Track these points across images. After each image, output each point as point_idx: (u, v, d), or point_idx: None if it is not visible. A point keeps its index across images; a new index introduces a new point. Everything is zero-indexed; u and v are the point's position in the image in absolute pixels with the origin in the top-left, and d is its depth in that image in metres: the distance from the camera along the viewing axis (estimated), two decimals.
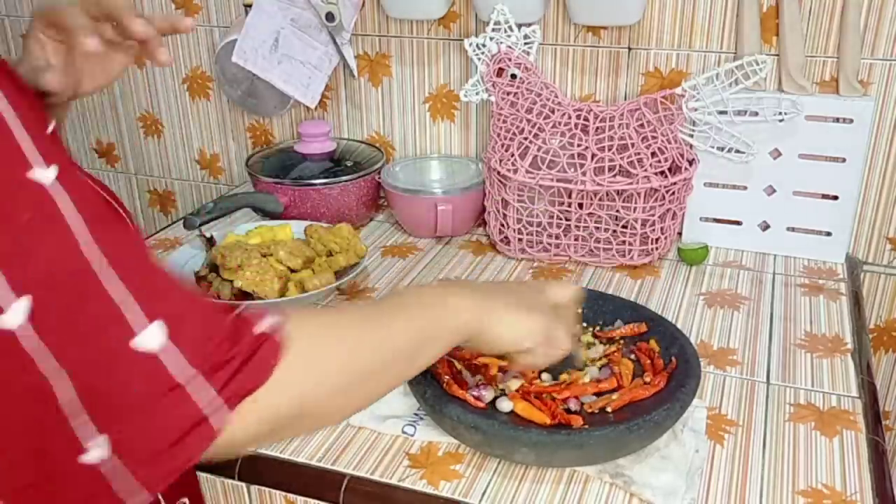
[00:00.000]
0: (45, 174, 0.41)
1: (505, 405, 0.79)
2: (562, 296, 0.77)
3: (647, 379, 0.82)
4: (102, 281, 0.42)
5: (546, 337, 0.72)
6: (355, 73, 1.36)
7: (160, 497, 0.66)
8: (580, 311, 0.88)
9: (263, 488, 0.79)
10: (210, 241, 1.14)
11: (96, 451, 0.42)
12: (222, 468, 0.80)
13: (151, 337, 0.43)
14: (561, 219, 1.15)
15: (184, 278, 0.48)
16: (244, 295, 1.00)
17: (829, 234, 1.17)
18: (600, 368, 0.85)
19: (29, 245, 0.40)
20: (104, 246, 0.43)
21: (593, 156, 1.11)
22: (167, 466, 0.44)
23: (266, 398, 0.47)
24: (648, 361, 0.85)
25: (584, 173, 1.10)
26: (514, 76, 1.17)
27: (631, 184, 1.09)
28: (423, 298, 0.66)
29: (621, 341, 0.89)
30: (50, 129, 0.46)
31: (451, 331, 0.64)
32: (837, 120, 1.12)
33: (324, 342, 0.53)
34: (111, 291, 0.42)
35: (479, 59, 1.18)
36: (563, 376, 0.84)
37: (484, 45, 1.18)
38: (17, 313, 0.40)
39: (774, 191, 1.18)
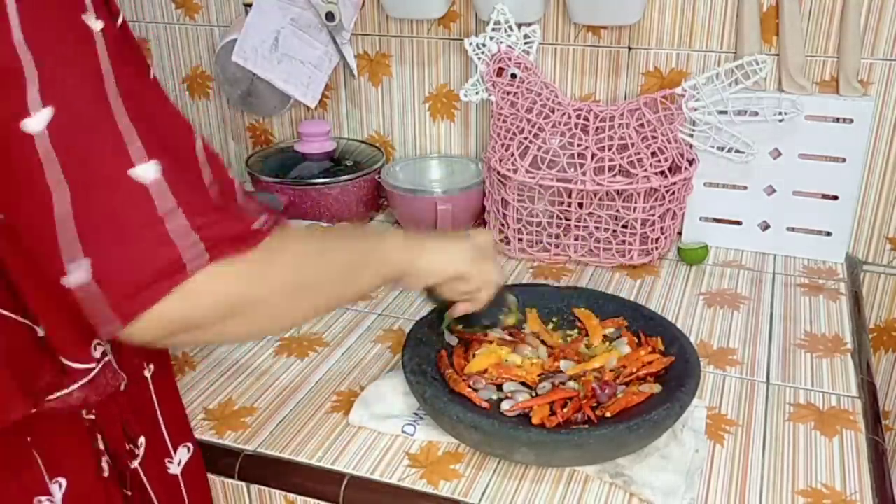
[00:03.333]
0: (94, 23, 0.47)
1: (505, 404, 0.79)
2: (482, 239, 0.82)
3: (643, 353, 0.84)
4: (115, 113, 0.47)
5: (474, 263, 0.78)
6: (355, 72, 1.36)
7: (168, 442, 0.70)
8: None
9: (263, 488, 0.79)
10: None
11: (77, 273, 0.47)
12: (222, 468, 0.80)
13: (147, 171, 0.48)
14: (561, 218, 1.15)
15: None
16: None
17: (829, 233, 1.17)
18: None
19: (63, 69, 0.46)
20: (127, 90, 0.48)
21: (593, 155, 1.11)
22: (142, 298, 0.48)
23: (234, 271, 0.51)
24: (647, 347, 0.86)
25: (584, 173, 1.10)
26: (514, 76, 1.17)
27: (631, 183, 1.09)
28: (364, 233, 0.76)
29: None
30: None
31: (381, 262, 0.70)
32: (837, 120, 1.12)
33: (285, 251, 0.57)
34: (120, 124, 0.47)
35: (479, 58, 1.18)
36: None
37: (484, 45, 1.18)
38: (39, 120, 0.45)
39: (774, 191, 1.18)
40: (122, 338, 0.50)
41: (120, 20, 0.52)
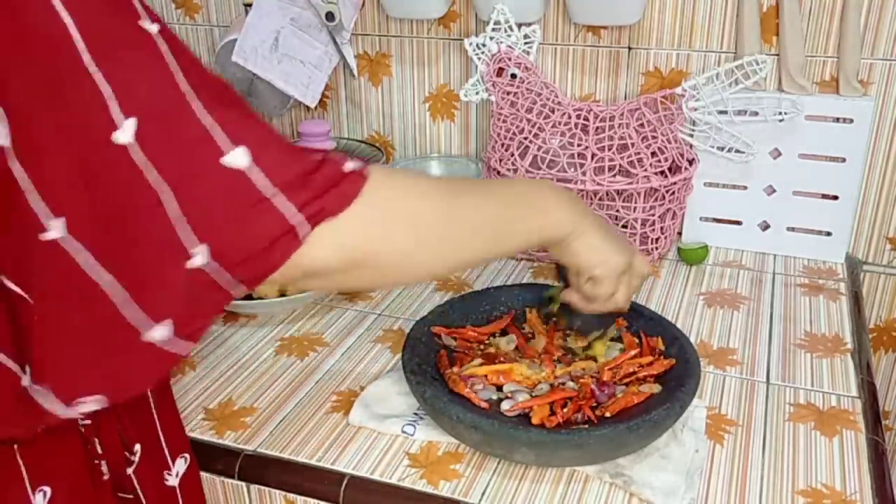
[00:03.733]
0: (151, 26, 0.49)
1: (505, 404, 0.79)
2: (638, 263, 0.81)
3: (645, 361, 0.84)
4: (194, 109, 0.49)
5: (618, 278, 0.78)
6: (355, 72, 1.36)
7: (166, 452, 0.71)
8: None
9: (263, 488, 0.79)
10: None
11: (199, 257, 0.50)
12: (222, 468, 0.80)
13: (238, 157, 0.50)
14: None
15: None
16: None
17: (829, 233, 1.17)
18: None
19: (137, 77, 0.48)
20: (195, 84, 0.50)
21: (593, 155, 1.11)
22: (260, 268, 0.52)
23: (343, 227, 0.53)
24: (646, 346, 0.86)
25: (584, 173, 1.10)
26: (514, 76, 1.17)
27: (631, 183, 1.09)
28: (521, 188, 0.71)
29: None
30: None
31: (535, 229, 0.69)
32: (837, 120, 1.12)
33: (403, 193, 0.59)
34: (201, 119, 0.49)
35: (479, 58, 1.18)
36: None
37: (484, 45, 1.18)
38: (127, 132, 0.47)
39: (774, 191, 1.18)
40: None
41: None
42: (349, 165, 0.55)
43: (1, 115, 0.45)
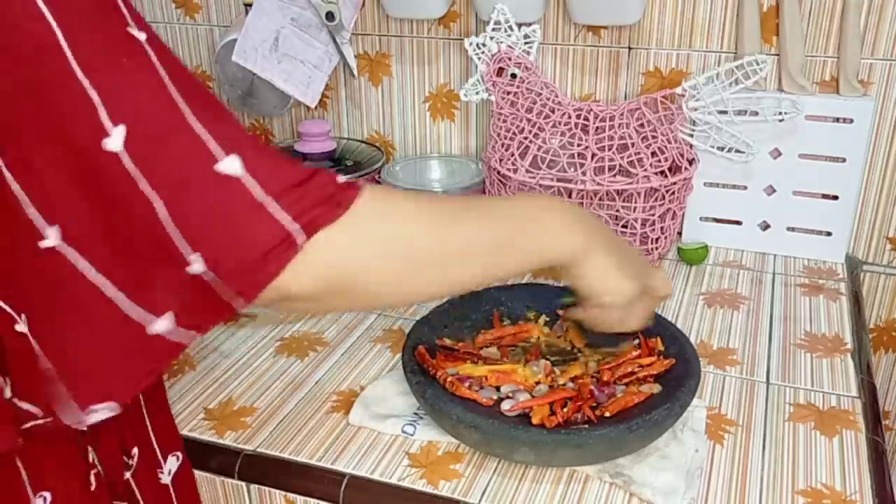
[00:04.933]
0: (139, 33, 0.48)
1: (506, 404, 0.79)
2: (657, 285, 0.77)
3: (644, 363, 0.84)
4: (185, 116, 0.48)
5: (631, 303, 0.73)
6: (355, 72, 1.36)
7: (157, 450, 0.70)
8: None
9: (263, 488, 0.79)
10: None
11: (196, 265, 0.48)
12: (222, 468, 0.80)
13: (232, 165, 0.49)
14: None
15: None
16: None
17: (829, 234, 1.17)
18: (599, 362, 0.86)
19: (126, 84, 0.47)
20: (185, 92, 0.49)
21: (593, 155, 1.11)
22: (257, 278, 0.50)
23: (335, 239, 0.51)
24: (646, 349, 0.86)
25: (584, 173, 1.10)
26: (514, 76, 1.17)
27: (631, 183, 1.09)
28: (521, 208, 0.66)
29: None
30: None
31: (534, 251, 0.64)
32: (837, 120, 1.12)
33: (397, 210, 0.57)
34: (193, 126, 0.48)
35: (479, 58, 1.18)
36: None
37: (484, 45, 1.18)
38: (116, 140, 0.46)
39: (774, 191, 1.18)
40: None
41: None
42: (342, 178, 0.54)
43: None
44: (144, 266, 0.49)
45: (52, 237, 0.47)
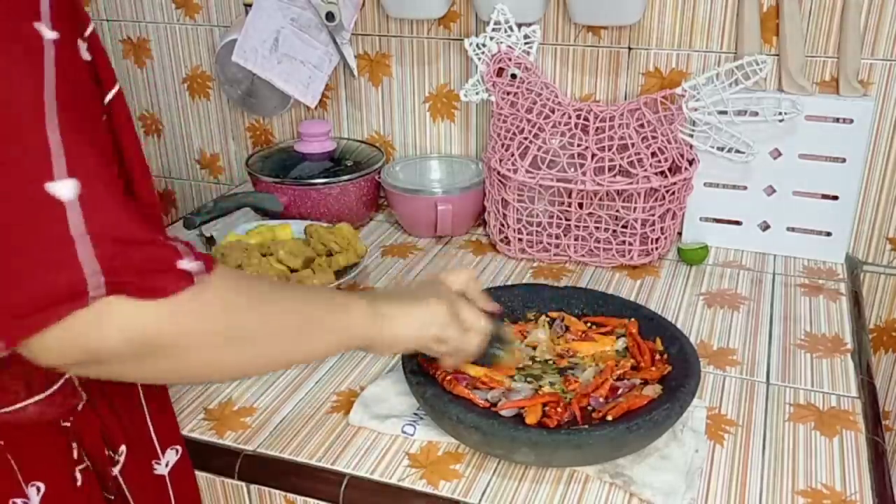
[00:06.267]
0: (48, 32, 0.46)
1: (501, 403, 0.79)
2: (458, 280, 0.78)
3: (642, 367, 0.84)
4: (46, 124, 0.45)
5: (452, 319, 0.73)
6: (355, 72, 1.36)
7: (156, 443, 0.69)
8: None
9: (263, 488, 0.79)
10: (210, 241, 1.14)
11: None
12: (222, 468, 0.80)
13: (65, 188, 0.45)
14: (561, 219, 1.15)
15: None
16: None
17: (829, 234, 1.17)
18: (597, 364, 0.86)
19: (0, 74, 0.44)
20: (66, 101, 0.46)
21: (593, 156, 1.11)
22: (29, 323, 0.45)
23: (141, 312, 0.48)
24: (642, 354, 0.85)
25: (584, 173, 1.10)
26: (514, 76, 1.17)
27: (631, 184, 1.09)
28: (323, 294, 0.68)
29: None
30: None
31: (343, 329, 0.65)
32: (837, 120, 1.12)
33: (225, 291, 0.54)
34: (49, 136, 0.45)
35: (479, 58, 1.18)
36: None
37: (484, 45, 1.18)
38: None
39: (774, 191, 1.18)
40: (25, 354, 0.47)
41: (89, 30, 0.51)
42: (185, 264, 0.50)
43: None
44: None
45: None
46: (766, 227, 1.20)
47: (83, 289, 0.45)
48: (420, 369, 0.81)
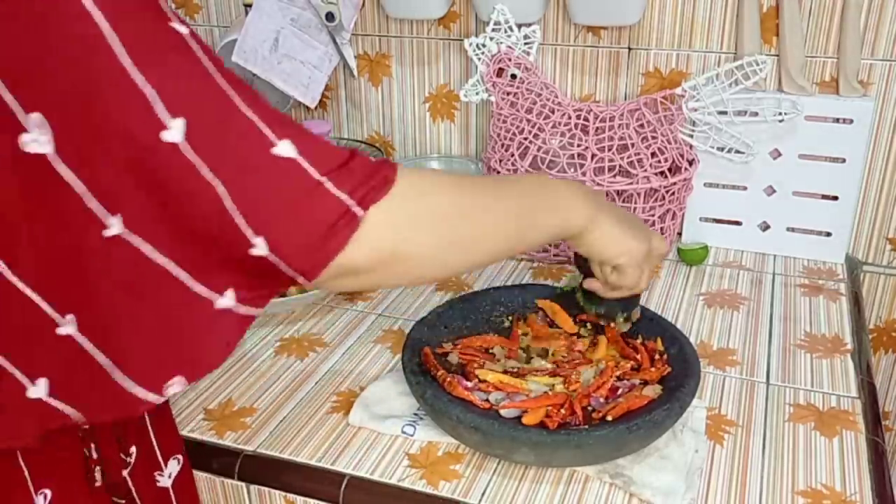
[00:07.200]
0: (181, 28, 0.49)
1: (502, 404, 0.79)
2: (657, 244, 0.81)
3: (642, 371, 0.84)
4: (238, 105, 0.50)
5: (640, 263, 0.78)
6: (355, 72, 1.36)
7: (157, 450, 0.70)
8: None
9: (263, 488, 0.79)
10: None
11: (259, 248, 0.51)
12: (222, 469, 0.80)
13: (286, 148, 0.51)
14: None
15: None
16: None
17: (828, 234, 1.17)
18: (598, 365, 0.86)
19: (177, 77, 0.48)
20: (231, 82, 0.50)
21: (593, 156, 1.11)
22: (320, 256, 0.53)
23: (386, 213, 0.54)
24: (642, 356, 0.85)
25: (584, 173, 1.10)
26: (514, 76, 1.17)
27: (631, 184, 1.09)
28: (533, 185, 0.72)
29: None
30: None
31: (557, 223, 0.70)
32: (837, 120, 1.12)
33: (433, 184, 0.60)
34: (246, 114, 0.50)
35: (479, 59, 1.18)
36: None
37: (484, 45, 1.18)
38: (175, 132, 0.47)
39: (774, 191, 1.18)
40: (301, 281, 0.54)
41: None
42: (378, 160, 0.56)
43: (42, 121, 0.46)
44: (206, 248, 0.51)
45: (115, 226, 0.49)
46: (765, 227, 1.20)
47: (352, 213, 0.52)
48: (420, 369, 0.81)
